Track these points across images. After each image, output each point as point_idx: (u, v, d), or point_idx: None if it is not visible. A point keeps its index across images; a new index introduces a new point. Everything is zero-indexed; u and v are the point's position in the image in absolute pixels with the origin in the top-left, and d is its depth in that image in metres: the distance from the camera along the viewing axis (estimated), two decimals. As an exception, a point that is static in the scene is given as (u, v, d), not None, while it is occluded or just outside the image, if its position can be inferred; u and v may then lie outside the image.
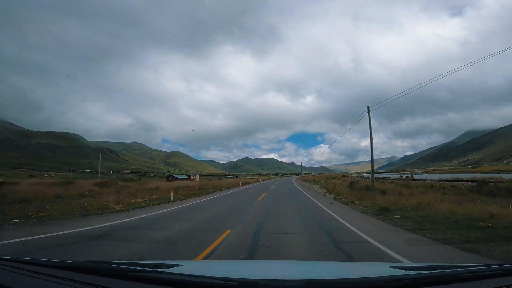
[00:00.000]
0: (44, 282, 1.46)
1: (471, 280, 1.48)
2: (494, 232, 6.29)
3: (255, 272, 2.10)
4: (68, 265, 1.65)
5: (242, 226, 8.00)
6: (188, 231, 7.35)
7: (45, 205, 11.09)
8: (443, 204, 10.76)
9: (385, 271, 2.02)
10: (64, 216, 9.27)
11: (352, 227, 7.82)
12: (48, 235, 6.33)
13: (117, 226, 7.91)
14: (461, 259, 4.75)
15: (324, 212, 11.34)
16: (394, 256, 4.87)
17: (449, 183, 26.98)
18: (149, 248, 5.57)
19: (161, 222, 8.93)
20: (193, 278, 1.49)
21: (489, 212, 8.26)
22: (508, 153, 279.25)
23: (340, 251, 5.25)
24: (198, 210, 12.34)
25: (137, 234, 7.00)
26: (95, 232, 7.02)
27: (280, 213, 10.96)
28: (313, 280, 1.55)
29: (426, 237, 6.39)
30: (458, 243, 5.57)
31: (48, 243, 5.73)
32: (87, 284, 1.43)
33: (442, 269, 1.76)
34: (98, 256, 4.78)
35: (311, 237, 6.70)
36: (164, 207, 13.15)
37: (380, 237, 6.36)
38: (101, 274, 1.55)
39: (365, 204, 13.26)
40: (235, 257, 4.86)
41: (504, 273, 1.53)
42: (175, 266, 1.87)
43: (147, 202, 14.63)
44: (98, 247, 5.64)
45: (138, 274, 1.53)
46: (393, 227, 7.82)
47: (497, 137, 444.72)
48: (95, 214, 10.04)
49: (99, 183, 27.19)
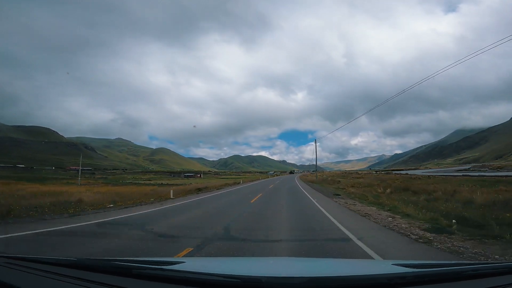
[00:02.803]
0: (48, 280, 1.46)
1: (474, 278, 1.45)
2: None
3: (258, 269, 2.12)
4: (72, 263, 1.65)
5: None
6: None
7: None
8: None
9: (388, 268, 2.00)
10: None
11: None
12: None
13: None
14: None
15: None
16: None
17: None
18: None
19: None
20: (196, 275, 1.49)
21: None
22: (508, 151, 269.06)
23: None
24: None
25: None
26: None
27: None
28: (316, 277, 1.54)
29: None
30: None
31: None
32: (91, 282, 1.43)
33: (445, 266, 1.74)
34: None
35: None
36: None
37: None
38: (105, 272, 1.56)
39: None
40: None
41: (507, 271, 1.50)
42: (178, 263, 1.88)
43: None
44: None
45: (141, 271, 1.52)
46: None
47: (491, 135, 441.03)
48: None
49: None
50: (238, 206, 11.65)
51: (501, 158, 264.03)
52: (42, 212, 8.78)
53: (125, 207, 10.96)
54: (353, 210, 10.11)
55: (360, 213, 9.34)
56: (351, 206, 11.24)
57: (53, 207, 9.66)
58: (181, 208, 11.15)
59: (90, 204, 11.04)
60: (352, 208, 10.62)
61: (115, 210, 10.24)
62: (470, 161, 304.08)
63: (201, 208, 11.07)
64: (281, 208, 10.84)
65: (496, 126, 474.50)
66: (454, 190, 16.54)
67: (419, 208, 9.64)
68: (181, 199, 14.78)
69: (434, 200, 13.16)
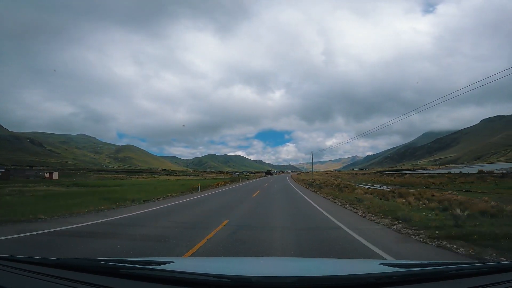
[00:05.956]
0: (31, 280, 1.42)
1: (458, 278, 1.49)
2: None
3: (247, 269, 2.09)
4: (57, 263, 1.60)
5: None
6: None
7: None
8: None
9: (375, 268, 2.00)
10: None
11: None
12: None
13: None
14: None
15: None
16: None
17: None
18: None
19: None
20: (185, 275, 1.46)
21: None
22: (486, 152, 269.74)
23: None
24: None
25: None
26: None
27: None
28: (305, 276, 1.54)
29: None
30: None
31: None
32: (77, 282, 1.39)
33: (432, 266, 1.76)
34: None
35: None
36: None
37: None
38: (91, 272, 1.51)
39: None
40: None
41: (490, 271, 1.55)
42: (167, 263, 1.82)
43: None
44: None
45: (129, 271, 1.48)
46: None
47: (462, 138, 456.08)
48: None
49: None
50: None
51: (480, 159, 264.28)
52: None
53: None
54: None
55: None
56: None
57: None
58: None
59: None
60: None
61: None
62: (446, 162, 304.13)
63: None
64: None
65: (467, 129, 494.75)
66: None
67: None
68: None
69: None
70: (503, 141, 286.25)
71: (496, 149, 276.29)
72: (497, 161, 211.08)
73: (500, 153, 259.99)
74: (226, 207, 11.59)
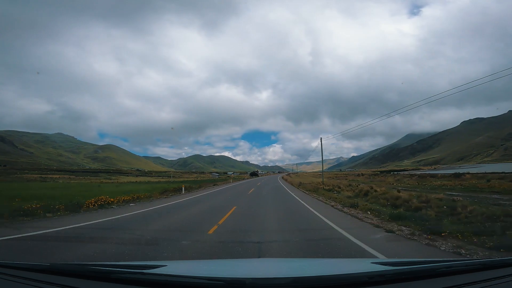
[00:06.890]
0: (21, 286, 1.39)
1: (448, 275, 1.53)
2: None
3: (241, 271, 2.08)
4: (45, 268, 1.56)
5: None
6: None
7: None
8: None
9: (368, 267, 2.02)
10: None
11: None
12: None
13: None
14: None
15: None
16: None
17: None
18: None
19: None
20: (178, 278, 1.44)
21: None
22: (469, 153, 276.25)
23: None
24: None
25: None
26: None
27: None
28: (299, 277, 1.55)
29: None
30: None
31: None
32: (65, 287, 1.36)
33: (422, 264, 1.79)
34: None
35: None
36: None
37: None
38: (82, 277, 1.47)
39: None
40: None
41: (480, 268, 1.60)
42: (159, 267, 1.79)
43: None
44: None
45: (120, 275, 1.47)
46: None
47: (443, 139, 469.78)
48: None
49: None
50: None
51: (463, 160, 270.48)
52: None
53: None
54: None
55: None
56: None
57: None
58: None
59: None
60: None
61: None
62: (430, 162, 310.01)
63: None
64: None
65: (448, 130, 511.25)
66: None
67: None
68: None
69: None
70: (486, 142, 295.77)
71: (478, 150, 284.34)
72: (482, 162, 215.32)
73: (483, 154, 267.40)
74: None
